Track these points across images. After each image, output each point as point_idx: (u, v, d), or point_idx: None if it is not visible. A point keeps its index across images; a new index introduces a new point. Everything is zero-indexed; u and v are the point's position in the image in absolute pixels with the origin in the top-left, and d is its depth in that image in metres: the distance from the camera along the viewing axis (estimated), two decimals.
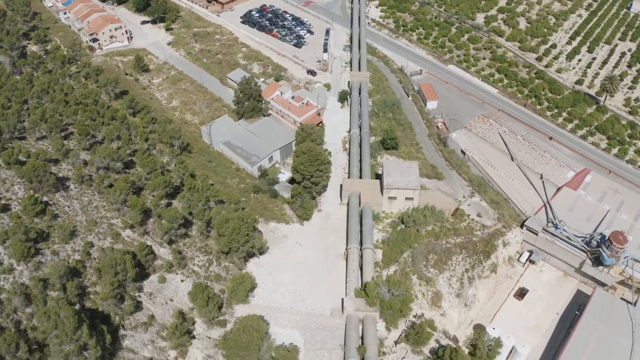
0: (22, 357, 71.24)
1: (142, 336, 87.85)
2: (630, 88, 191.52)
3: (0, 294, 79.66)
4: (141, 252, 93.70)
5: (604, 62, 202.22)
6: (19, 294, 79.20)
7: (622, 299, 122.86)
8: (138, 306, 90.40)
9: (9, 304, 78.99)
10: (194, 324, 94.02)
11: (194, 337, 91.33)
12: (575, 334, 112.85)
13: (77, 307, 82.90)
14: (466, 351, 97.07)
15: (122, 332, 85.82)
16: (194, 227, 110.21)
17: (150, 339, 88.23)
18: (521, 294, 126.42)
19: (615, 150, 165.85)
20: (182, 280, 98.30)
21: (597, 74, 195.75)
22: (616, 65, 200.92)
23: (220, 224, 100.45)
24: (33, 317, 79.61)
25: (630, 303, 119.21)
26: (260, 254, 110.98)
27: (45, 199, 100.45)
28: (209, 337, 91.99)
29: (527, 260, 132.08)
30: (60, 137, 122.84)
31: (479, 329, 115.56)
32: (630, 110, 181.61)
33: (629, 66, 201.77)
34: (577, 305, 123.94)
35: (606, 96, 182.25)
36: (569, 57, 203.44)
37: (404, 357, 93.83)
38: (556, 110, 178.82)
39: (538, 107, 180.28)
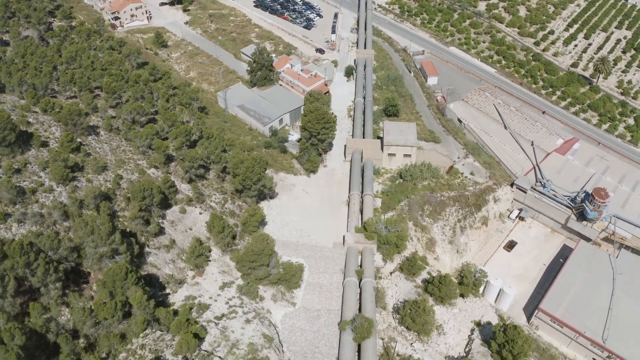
0: (62, 254, 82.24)
1: (164, 256, 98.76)
2: (623, 72, 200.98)
3: (42, 209, 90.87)
4: (165, 184, 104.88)
5: (600, 48, 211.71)
6: (59, 208, 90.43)
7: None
8: (161, 231, 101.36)
9: (49, 217, 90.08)
10: (210, 251, 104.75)
11: (210, 260, 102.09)
12: (559, 279, 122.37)
13: None
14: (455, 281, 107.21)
15: (147, 249, 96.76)
16: (211, 172, 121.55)
17: (171, 259, 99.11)
18: (510, 245, 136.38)
19: (605, 126, 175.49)
20: (200, 213, 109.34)
21: (592, 58, 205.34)
22: (611, 51, 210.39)
23: (236, 165, 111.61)
24: (70, 230, 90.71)
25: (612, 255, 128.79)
26: (271, 198, 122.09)
27: (79, 140, 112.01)
28: (224, 261, 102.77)
29: (517, 217, 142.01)
30: (89, 94, 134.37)
31: None
32: (622, 91, 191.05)
33: (624, 52, 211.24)
34: (563, 257, 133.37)
35: (599, 77, 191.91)
36: (566, 42, 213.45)
37: (397, 284, 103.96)
38: (551, 89, 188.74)
39: (533, 86, 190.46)
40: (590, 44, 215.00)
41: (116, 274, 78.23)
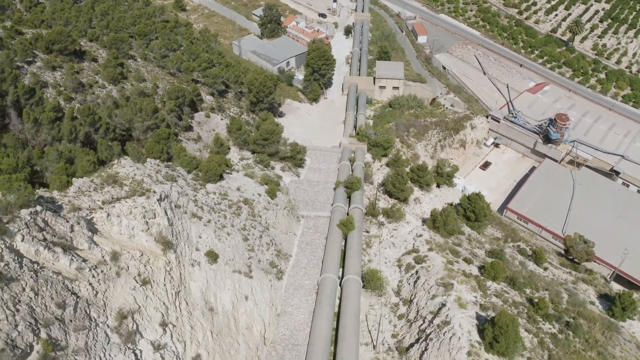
0: (118, 121, 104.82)
1: (192, 145, 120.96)
2: (599, 37, 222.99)
3: (97, 99, 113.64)
4: (194, 92, 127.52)
5: (579, 17, 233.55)
6: (111, 97, 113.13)
7: None
8: (190, 128, 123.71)
9: (103, 104, 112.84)
10: (229, 149, 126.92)
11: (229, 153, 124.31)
12: (525, 186, 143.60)
13: None
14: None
15: (179, 138, 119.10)
16: (229, 93, 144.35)
17: (198, 148, 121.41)
18: (485, 165, 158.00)
19: (578, 79, 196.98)
20: (221, 119, 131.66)
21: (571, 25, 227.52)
22: (589, 20, 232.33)
23: (251, 81, 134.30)
24: (118, 116, 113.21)
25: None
26: (279, 116, 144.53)
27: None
28: (241, 154, 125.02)
29: (492, 144, 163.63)
30: (125, 33, 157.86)
31: None
32: (597, 53, 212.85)
33: (601, 21, 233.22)
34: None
35: (574, 37, 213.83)
36: (547, 12, 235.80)
37: (383, 173, 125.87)
38: (530, 49, 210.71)
39: (514, 46, 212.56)
40: (569, 14, 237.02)
41: (161, 134, 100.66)
